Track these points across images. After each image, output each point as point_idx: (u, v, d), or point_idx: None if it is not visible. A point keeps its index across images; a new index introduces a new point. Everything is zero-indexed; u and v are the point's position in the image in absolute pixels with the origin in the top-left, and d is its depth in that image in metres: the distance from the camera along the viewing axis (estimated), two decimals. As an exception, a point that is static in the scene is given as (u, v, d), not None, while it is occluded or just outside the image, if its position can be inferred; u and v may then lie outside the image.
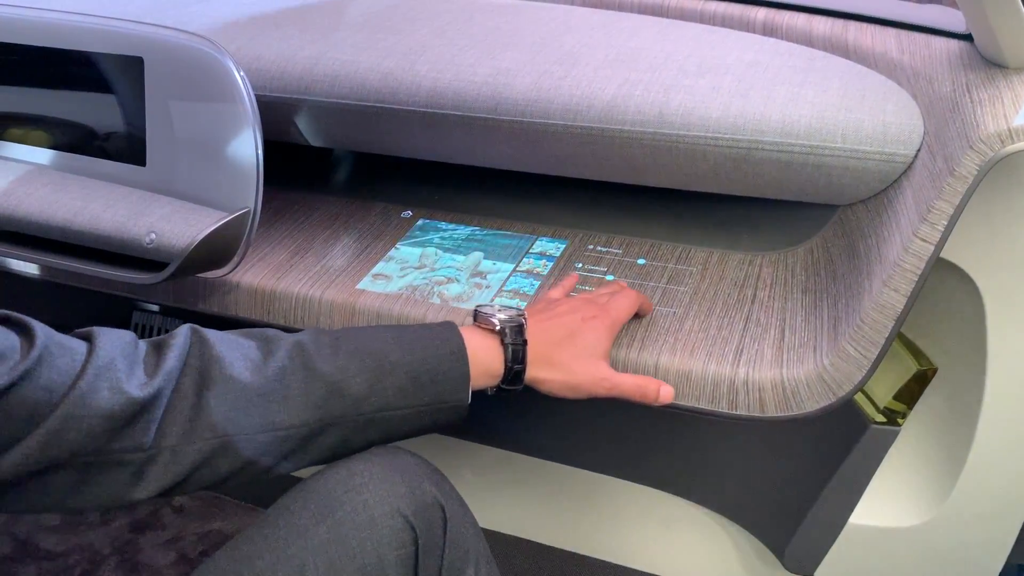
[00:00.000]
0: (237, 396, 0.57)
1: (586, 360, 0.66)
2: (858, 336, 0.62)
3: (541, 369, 0.65)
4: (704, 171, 0.73)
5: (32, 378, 0.51)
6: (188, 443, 0.55)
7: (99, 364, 0.53)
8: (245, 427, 0.57)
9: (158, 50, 0.76)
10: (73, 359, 0.53)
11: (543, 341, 0.66)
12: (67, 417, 0.51)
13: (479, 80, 0.77)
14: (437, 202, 0.91)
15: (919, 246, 0.58)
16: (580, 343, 0.66)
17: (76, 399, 0.52)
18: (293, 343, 0.60)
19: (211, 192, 0.76)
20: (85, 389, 0.52)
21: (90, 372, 0.53)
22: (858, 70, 0.74)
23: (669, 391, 0.67)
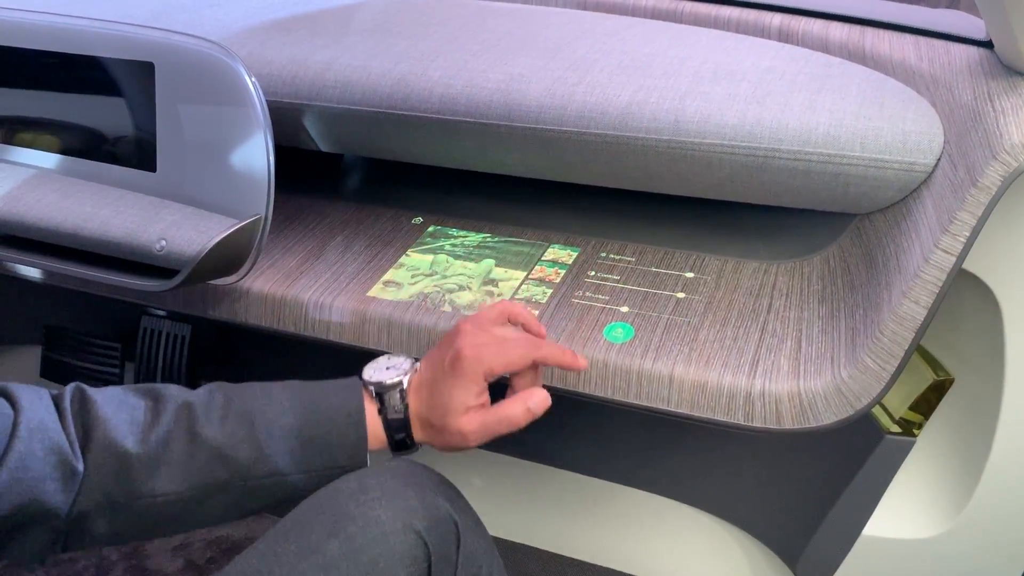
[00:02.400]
0: (117, 462, 0.57)
1: (447, 416, 0.61)
2: (877, 348, 0.61)
3: (423, 431, 0.63)
4: (720, 179, 0.72)
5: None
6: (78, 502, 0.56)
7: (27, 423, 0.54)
8: (125, 493, 0.57)
9: (169, 55, 0.76)
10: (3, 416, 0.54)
11: (419, 401, 0.63)
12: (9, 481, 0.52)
13: (492, 86, 0.77)
14: (448, 208, 0.91)
15: (940, 257, 0.57)
16: (441, 400, 0.61)
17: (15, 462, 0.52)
18: (181, 405, 0.59)
19: (222, 198, 0.75)
20: (23, 451, 0.53)
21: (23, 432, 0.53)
22: (876, 77, 0.73)
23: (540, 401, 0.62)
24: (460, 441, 0.61)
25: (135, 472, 0.56)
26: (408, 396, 0.63)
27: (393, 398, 0.62)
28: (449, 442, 0.62)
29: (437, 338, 0.75)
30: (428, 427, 0.62)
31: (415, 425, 0.63)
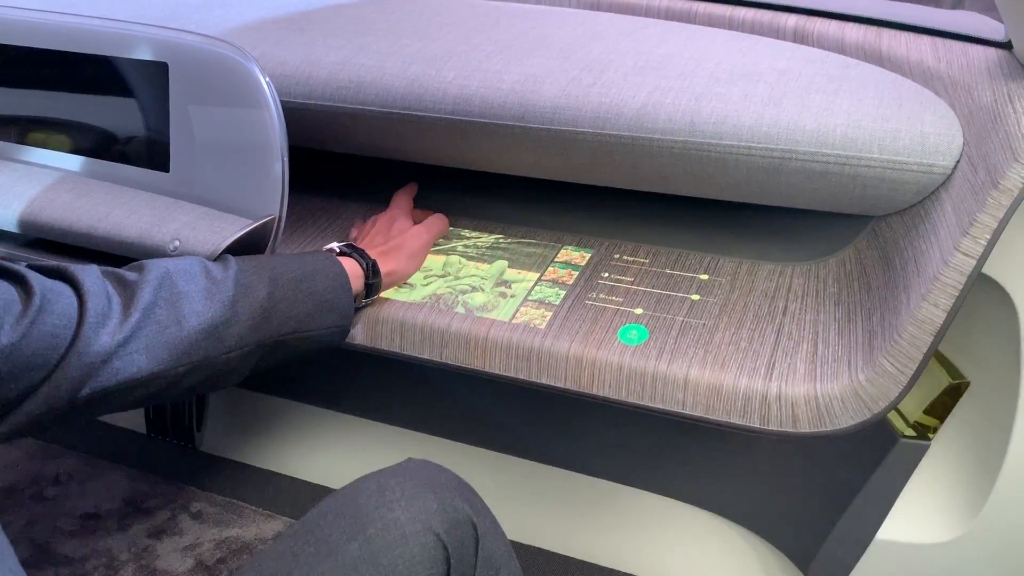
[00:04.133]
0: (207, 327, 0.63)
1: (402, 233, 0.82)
2: (895, 351, 0.61)
3: (385, 260, 0.78)
4: (736, 180, 0.71)
5: (37, 327, 0.54)
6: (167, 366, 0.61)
7: (94, 309, 0.57)
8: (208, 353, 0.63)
9: (183, 55, 0.76)
10: (69, 304, 0.56)
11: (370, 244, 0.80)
12: (74, 364, 0.55)
13: (506, 87, 0.76)
14: (461, 209, 0.91)
15: (961, 260, 0.57)
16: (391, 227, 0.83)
17: (81, 347, 0.55)
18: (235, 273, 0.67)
19: (236, 199, 0.75)
20: (89, 335, 0.56)
21: (89, 318, 0.56)
22: (893, 78, 0.72)
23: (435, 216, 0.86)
24: (418, 236, 0.82)
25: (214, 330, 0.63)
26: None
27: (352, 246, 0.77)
28: (410, 244, 0.81)
29: (450, 339, 0.75)
30: (387, 254, 0.79)
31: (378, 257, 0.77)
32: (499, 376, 0.73)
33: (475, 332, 0.74)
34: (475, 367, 0.74)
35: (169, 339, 0.60)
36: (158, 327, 0.60)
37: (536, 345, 0.72)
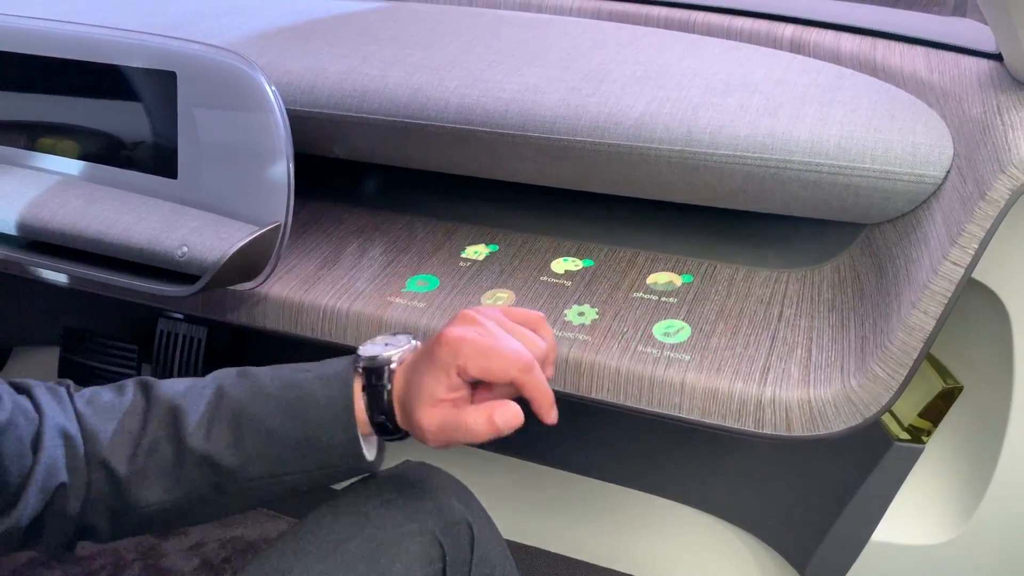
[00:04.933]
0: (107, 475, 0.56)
1: (413, 407, 0.55)
2: (886, 357, 0.62)
3: (402, 416, 0.57)
4: (732, 189, 0.73)
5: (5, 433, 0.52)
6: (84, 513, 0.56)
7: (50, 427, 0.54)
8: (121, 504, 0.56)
9: (191, 65, 0.77)
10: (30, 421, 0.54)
11: (403, 383, 0.57)
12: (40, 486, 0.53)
13: (507, 96, 0.78)
14: (462, 215, 0.92)
15: (949, 269, 0.58)
16: (414, 384, 0.55)
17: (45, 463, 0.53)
18: (167, 409, 0.57)
19: (242, 205, 0.77)
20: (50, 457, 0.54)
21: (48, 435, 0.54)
22: (887, 89, 0.74)
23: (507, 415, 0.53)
24: (419, 436, 0.56)
25: (123, 485, 0.56)
26: (395, 376, 0.57)
27: (378, 375, 0.57)
28: (413, 432, 0.56)
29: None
30: (404, 413, 0.56)
31: (397, 409, 0.57)
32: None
33: (476, 337, 0.75)
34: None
35: None
36: None
37: (536, 350, 0.73)
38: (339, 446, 0.56)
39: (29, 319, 1.32)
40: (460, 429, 0.53)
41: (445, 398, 0.54)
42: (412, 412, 0.55)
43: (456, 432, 0.53)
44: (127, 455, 0.56)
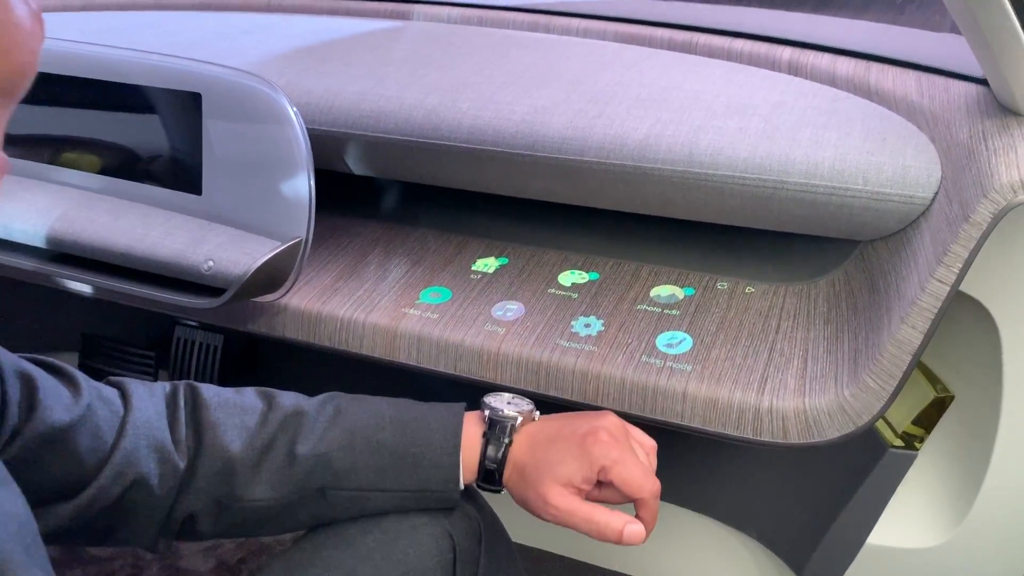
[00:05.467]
0: (223, 466, 0.60)
1: (543, 480, 0.60)
2: (877, 369, 0.65)
3: (514, 475, 0.62)
4: (732, 207, 0.76)
5: (84, 424, 0.56)
6: (183, 494, 0.60)
7: (136, 421, 0.58)
8: (227, 495, 0.60)
9: (216, 87, 0.81)
10: (113, 412, 0.58)
11: (527, 447, 0.62)
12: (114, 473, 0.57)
13: (517, 118, 0.82)
14: (473, 229, 0.96)
15: (935, 287, 0.62)
16: (552, 459, 0.60)
17: (121, 456, 0.57)
18: (291, 413, 0.62)
19: (264, 221, 0.80)
20: (128, 447, 0.57)
21: (131, 427, 0.58)
22: (880, 112, 0.77)
23: (635, 532, 0.60)
24: (538, 505, 0.60)
25: (238, 477, 0.60)
26: (516, 435, 0.63)
27: (503, 429, 0.62)
28: (528, 499, 0.61)
29: (464, 353, 0.80)
30: (520, 475, 0.61)
31: (509, 465, 0.62)
32: (510, 388, 0.78)
33: (488, 347, 0.79)
34: (488, 379, 0.79)
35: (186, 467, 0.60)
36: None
37: (544, 360, 0.77)
38: (441, 469, 0.61)
39: (47, 325, 1.36)
40: (589, 521, 0.59)
41: (579, 486, 0.60)
42: (538, 483, 0.60)
43: (583, 522, 0.59)
44: (243, 449, 0.60)
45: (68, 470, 0.55)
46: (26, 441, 0.52)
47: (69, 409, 0.55)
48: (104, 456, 0.56)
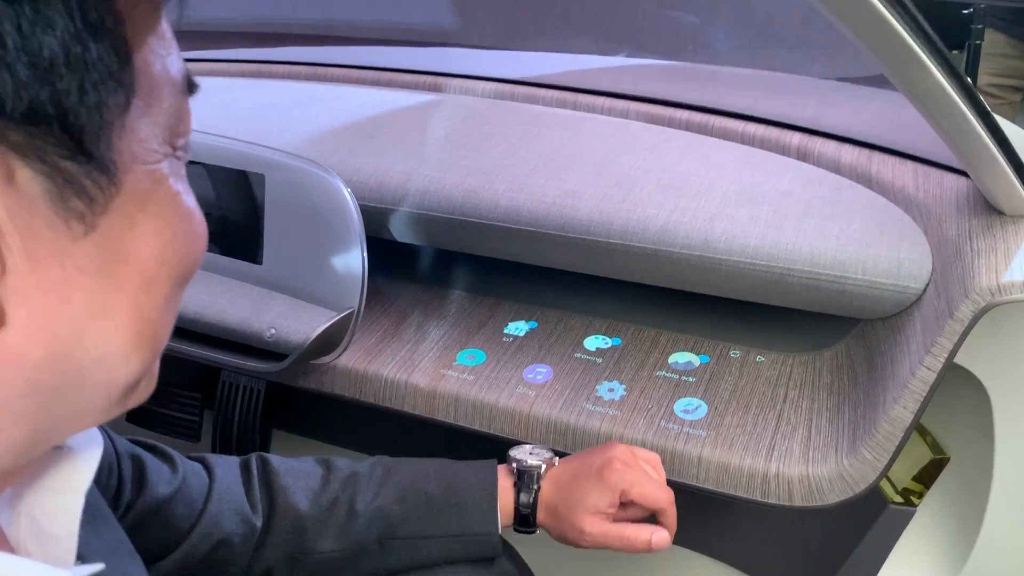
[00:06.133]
0: (293, 523, 0.69)
1: (574, 510, 0.70)
2: (873, 443, 0.73)
3: (547, 516, 0.71)
4: (743, 288, 0.84)
5: (182, 492, 0.65)
6: (258, 553, 0.69)
7: (220, 490, 0.67)
8: (297, 550, 0.69)
9: (278, 169, 0.90)
10: (200, 482, 0.67)
11: (553, 489, 0.71)
12: (207, 529, 0.65)
13: (549, 201, 0.90)
14: (506, 293, 1.04)
15: (924, 373, 0.69)
16: (577, 494, 0.70)
17: (208, 518, 0.66)
18: (349, 475, 0.71)
19: (320, 291, 0.89)
20: (212, 511, 0.66)
21: (215, 496, 0.67)
22: (879, 203, 0.85)
23: (662, 538, 0.70)
24: (576, 536, 0.70)
25: (308, 532, 0.69)
26: (542, 481, 0.72)
27: (531, 477, 0.72)
28: (566, 533, 0.70)
29: (498, 413, 0.88)
30: (553, 514, 0.71)
31: (541, 507, 0.71)
32: (540, 447, 0.85)
33: (520, 408, 0.87)
34: (520, 438, 0.87)
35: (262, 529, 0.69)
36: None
37: (571, 422, 0.84)
38: (482, 513, 0.70)
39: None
40: (622, 539, 0.69)
41: (606, 511, 0.69)
42: (571, 517, 0.69)
43: (617, 540, 0.69)
44: (310, 508, 0.69)
45: (166, 534, 0.63)
46: (137, 513, 0.61)
47: (169, 483, 0.63)
48: (194, 520, 0.65)
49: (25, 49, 0.27)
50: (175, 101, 0.34)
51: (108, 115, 0.31)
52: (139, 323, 0.34)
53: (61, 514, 0.39)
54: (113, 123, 0.31)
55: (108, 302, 0.33)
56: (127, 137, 0.32)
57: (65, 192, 0.30)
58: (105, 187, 0.31)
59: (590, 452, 0.74)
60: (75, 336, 0.32)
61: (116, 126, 0.31)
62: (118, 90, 0.31)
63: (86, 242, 0.31)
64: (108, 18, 0.30)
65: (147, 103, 0.32)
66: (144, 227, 0.33)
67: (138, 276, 0.33)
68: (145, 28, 0.32)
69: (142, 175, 0.33)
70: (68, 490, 0.39)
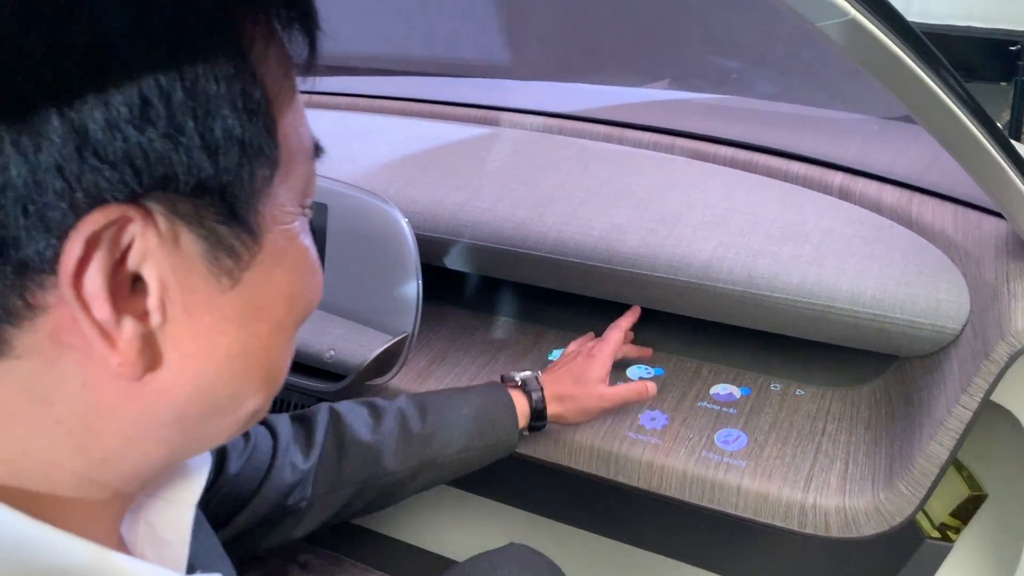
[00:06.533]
0: (364, 454, 0.76)
1: (587, 386, 0.85)
2: (909, 477, 0.75)
3: (556, 405, 0.85)
4: (784, 323, 0.87)
5: (251, 460, 0.70)
6: (335, 491, 0.75)
7: (282, 449, 0.72)
8: (370, 475, 0.76)
9: (341, 200, 0.95)
10: (267, 445, 0.73)
11: (553, 384, 0.86)
12: (269, 489, 0.71)
13: (596, 234, 0.94)
14: (549, 320, 1.08)
15: (960, 412, 0.71)
16: (581, 376, 0.86)
17: (274, 476, 0.71)
18: (396, 410, 0.79)
19: (377, 316, 0.94)
20: (278, 467, 0.71)
21: (280, 456, 0.72)
22: (919, 244, 0.88)
23: (652, 384, 0.89)
24: (597, 402, 0.85)
25: (372, 458, 0.76)
26: (541, 381, 0.86)
27: (532, 383, 0.85)
28: (586, 405, 0.85)
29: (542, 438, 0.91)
30: (562, 400, 0.85)
31: (550, 400, 0.85)
32: (583, 474, 0.89)
33: (563, 435, 0.90)
34: (562, 463, 0.90)
35: (334, 469, 0.75)
36: (328, 461, 0.74)
37: (614, 450, 0.88)
38: (507, 426, 0.82)
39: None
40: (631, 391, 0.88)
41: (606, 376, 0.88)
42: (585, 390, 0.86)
43: (628, 392, 0.87)
44: (373, 438, 0.77)
45: (233, 501, 0.69)
46: (208, 495, 0.65)
47: (241, 454, 0.68)
48: (259, 482, 0.70)
49: (199, 134, 0.32)
50: (307, 167, 0.39)
51: (257, 185, 0.35)
52: (268, 361, 0.39)
53: (175, 523, 0.44)
54: (260, 191, 0.36)
55: (246, 345, 0.37)
56: (270, 202, 0.36)
57: (218, 252, 0.35)
58: (250, 246, 0.36)
59: (559, 360, 0.92)
60: (217, 374, 0.37)
61: (262, 194, 0.36)
62: (266, 164, 0.35)
63: (231, 294, 0.36)
64: (263, 103, 0.35)
65: (286, 172, 0.37)
66: (279, 279, 0.38)
67: (271, 321, 0.38)
68: (285, 105, 0.37)
69: (279, 234, 0.37)
70: (182, 501, 0.44)
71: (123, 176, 0.31)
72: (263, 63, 0.35)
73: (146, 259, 0.33)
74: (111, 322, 0.32)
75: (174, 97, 0.32)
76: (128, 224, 0.32)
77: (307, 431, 0.76)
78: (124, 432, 0.36)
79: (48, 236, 0.31)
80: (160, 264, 0.33)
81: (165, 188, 0.32)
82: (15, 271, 0.31)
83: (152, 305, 0.34)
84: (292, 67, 0.37)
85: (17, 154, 0.30)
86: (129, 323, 0.33)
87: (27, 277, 0.31)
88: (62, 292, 0.31)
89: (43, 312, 0.32)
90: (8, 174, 0.30)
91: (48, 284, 0.32)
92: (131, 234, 0.32)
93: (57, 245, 0.31)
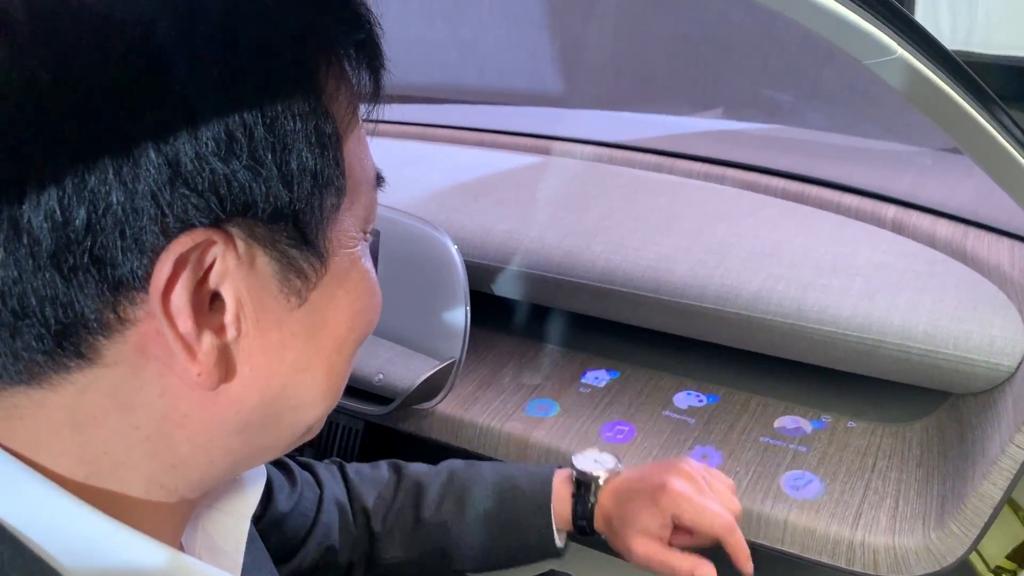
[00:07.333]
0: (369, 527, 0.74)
1: (624, 529, 0.70)
2: (961, 517, 0.74)
3: (604, 526, 0.72)
4: (834, 357, 0.86)
5: (297, 506, 0.71)
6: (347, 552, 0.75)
7: (328, 497, 0.73)
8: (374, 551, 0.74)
9: (393, 226, 0.97)
10: (313, 492, 0.73)
11: (611, 500, 0.71)
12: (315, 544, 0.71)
13: (644, 264, 0.94)
14: (598, 348, 1.08)
15: (1015, 451, 0.70)
16: (631, 512, 0.69)
17: (321, 526, 0.72)
18: (412, 484, 0.76)
19: (425, 341, 0.95)
20: (324, 522, 0.72)
21: (326, 503, 0.73)
22: (973, 279, 0.86)
23: (705, 573, 0.67)
24: (624, 552, 0.71)
25: (378, 542, 0.75)
26: (602, 492, 0.72)
27: (587, 488, 0.73)
28: (617, 547, 0.72)
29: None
30: (608, 526, 0.72)
31: (598, 517, 0.72)
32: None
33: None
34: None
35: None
36: None
37: (660, 479, 0.87)
38: (535, 529, 0.73)
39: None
40: (665, 565, 0.68)
41: (658, 534, 0.69)
42: (622, 535, 0.70)
43: (660, 566, 0.69)
44: (381, 517, 0.75)
45: (283, 546, 0.69)
46: (262, 527, 0.67)
47: (289, 497, 0.70)
48: (307, 530, 0.71)
49: (277, 166, 0.36)
50: (370, 195, 0.43)
51: (326, 212, 0.38)
52: (330, 377, 0.42)
53: (230, 533, 0.46)
54: (329, 218, 0.39)
55: (310, 360, 0.40)
56: (336, 228, 0.39)
57: (289, 273, 0.38)
58: (317, 268, 0.39)
59: (655, 466, 0.72)
60: (282, 387, 0.40)
61: (330, 220, 0.39)
62: (335, 193, 0.39)
63: (299, 312, 0.39)
64: (333, 137, 0.38)
65: (352, 199, 0.40)
66: (342, 300, 0.41)
67: (333, 339, 0.41)
68: (352, 137, 0.40)
69: (343, 257, 0.40)
70: (237, 513, 0.47)
71: (209, 203, 0.34)
72: (334, 100, 0.38)
73: (225, 278, 0.36)
74: (193, 335, 0.35)
75: (256, 133, 0.35)
76: (211, 246, 0.35)
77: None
78: (194, 439, 0.38)
79: (142, 257, 0.34)
80: (237, 283, 0.36)
81: (245, 214, 0.35)
82: (111, 288, 0.34)
83: (228, 320, 0.37)
84: (358, 101, 0.40)
85: (119, 183, 0.33)
86: (208, 337, 0.36)
87: (121, 293, 0.34)
88: (151, 307, 0.34)
89: (132, 325, 0.35)
90: (109, 200, 0.33)
91: (138, 300, 0.35)
92: (213, 255, 0.35)
93: (149, 265, 0.34)
